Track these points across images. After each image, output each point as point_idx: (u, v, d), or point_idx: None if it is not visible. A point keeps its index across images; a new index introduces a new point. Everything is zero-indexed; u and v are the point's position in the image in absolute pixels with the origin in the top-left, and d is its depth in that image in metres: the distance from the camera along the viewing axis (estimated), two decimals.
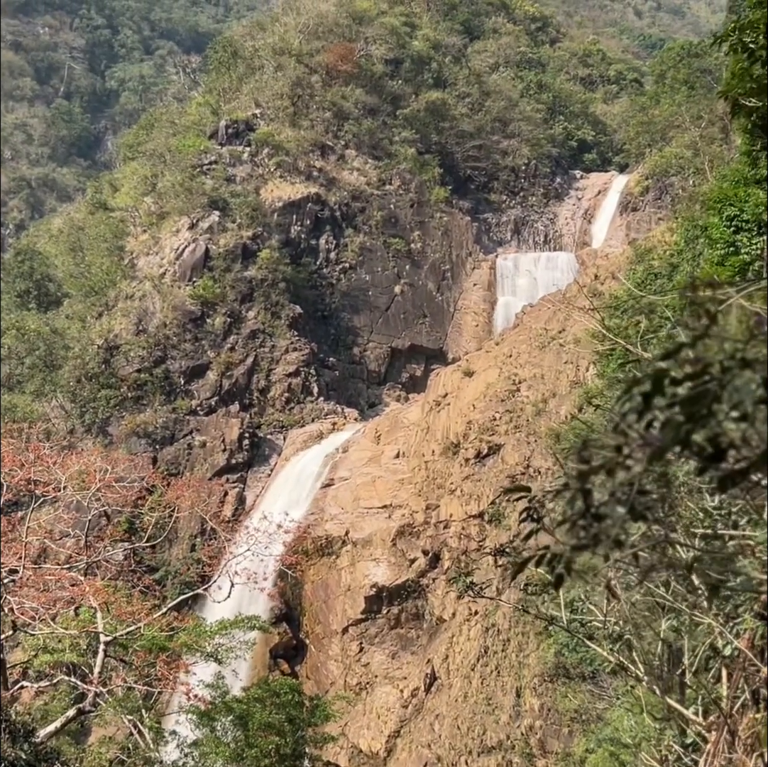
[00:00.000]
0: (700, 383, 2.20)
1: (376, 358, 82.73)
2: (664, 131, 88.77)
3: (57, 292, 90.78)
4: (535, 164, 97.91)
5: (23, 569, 22.49)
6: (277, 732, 26.33)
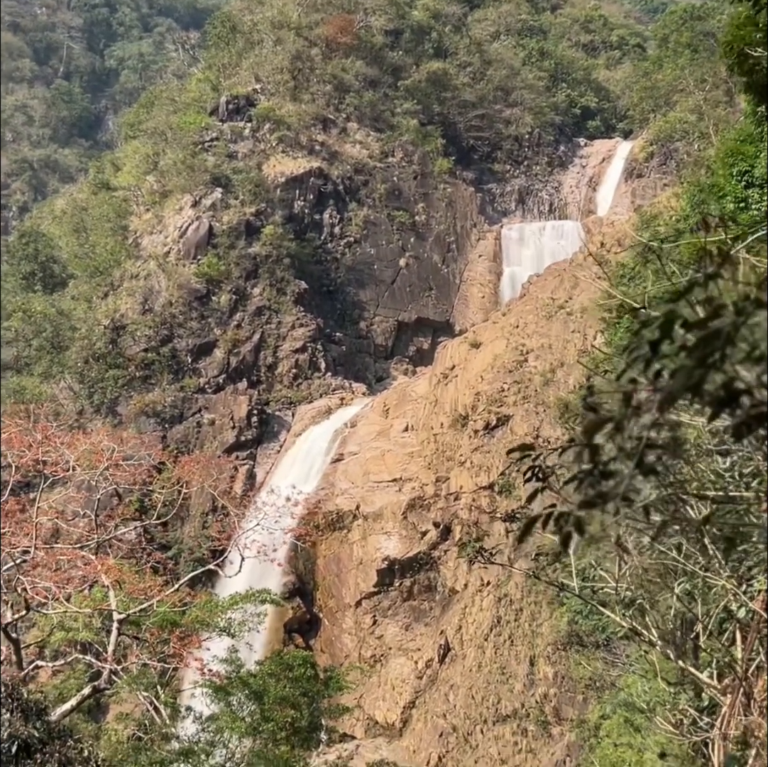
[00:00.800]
0: (712, 325, 2.10)
1: (383, 332, 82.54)
2: (667, 96, 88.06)
3: (62, 273, 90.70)
4: (539, 133, 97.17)
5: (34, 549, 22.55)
6: (292, 705, 26.43)
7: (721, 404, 2.17)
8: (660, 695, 8.99)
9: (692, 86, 79.18)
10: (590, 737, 41.77)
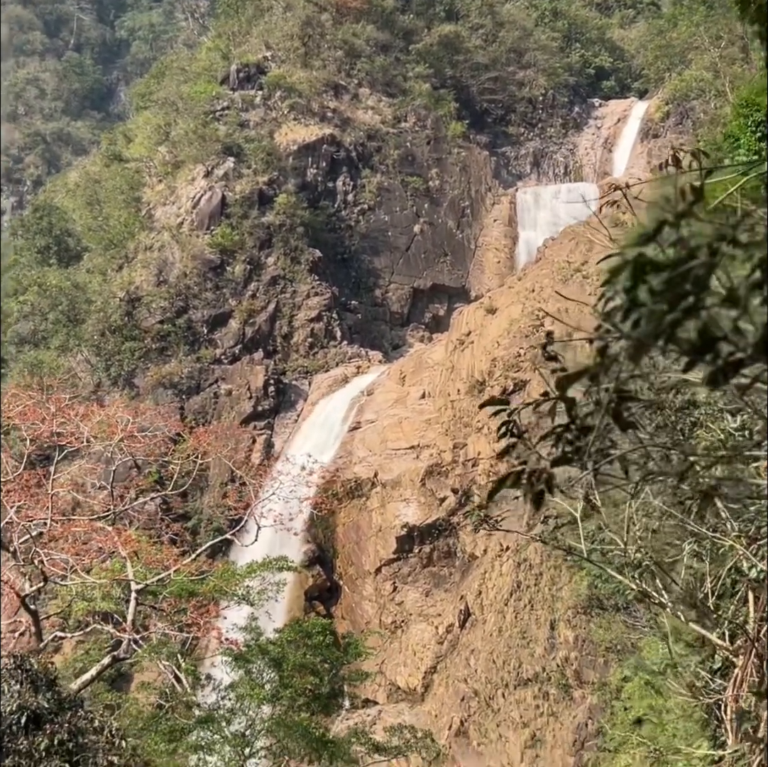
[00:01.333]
0: (685, 268, 1.97)
1: (398, 299, 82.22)
2: (683, 54, 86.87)
3: (77, 246, 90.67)
4: (553, 94, 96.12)
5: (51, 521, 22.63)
6: (312, 672, 26.56)
7: (697, 352, 2.04)
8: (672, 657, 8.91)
9: (708, 43, 78.04)
10: (612, 699, 41.89)
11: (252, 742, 25.76)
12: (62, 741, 10.94)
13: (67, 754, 10.89)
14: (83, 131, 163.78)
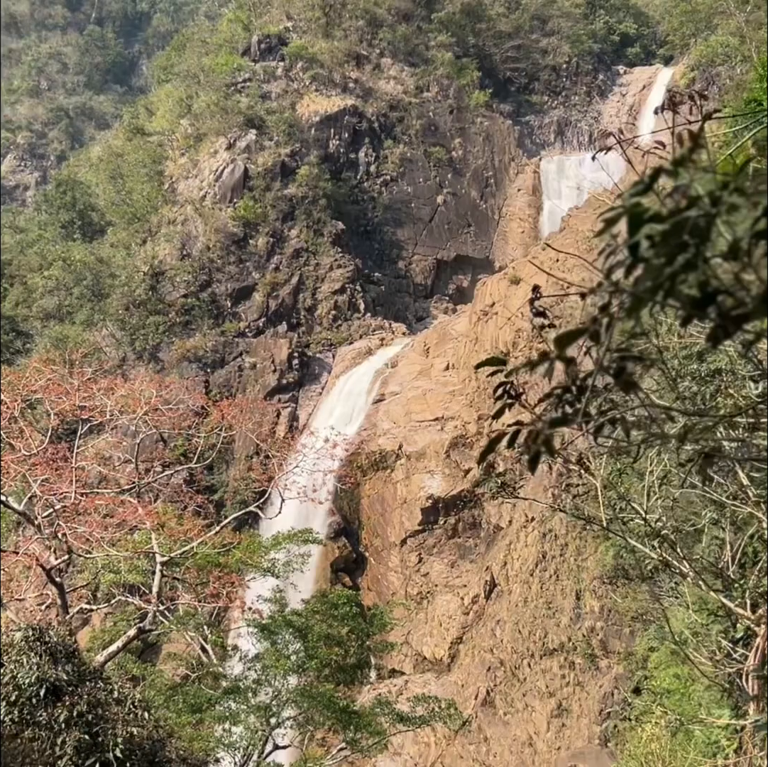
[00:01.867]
0: (685, 218, 1.87)
1: (422, 271, 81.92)
2: (708, 19, 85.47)
3: (100, 221, 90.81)
4: (577, 62, 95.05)
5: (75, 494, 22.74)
6: (337, 643, 26.67)
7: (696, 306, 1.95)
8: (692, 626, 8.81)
9: (733, 8, 76.71)
10: (638, 669, 41.88)
11: (278, 713, 25.91)
12: (81, 712, 11.00)
13: (87, 725, 10.94)
14: (106, 105, 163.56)
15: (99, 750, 10.62)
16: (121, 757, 10.61)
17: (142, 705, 11.73)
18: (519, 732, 48.58)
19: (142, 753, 11.28)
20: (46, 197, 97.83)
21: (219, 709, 24.65)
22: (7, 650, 11.28)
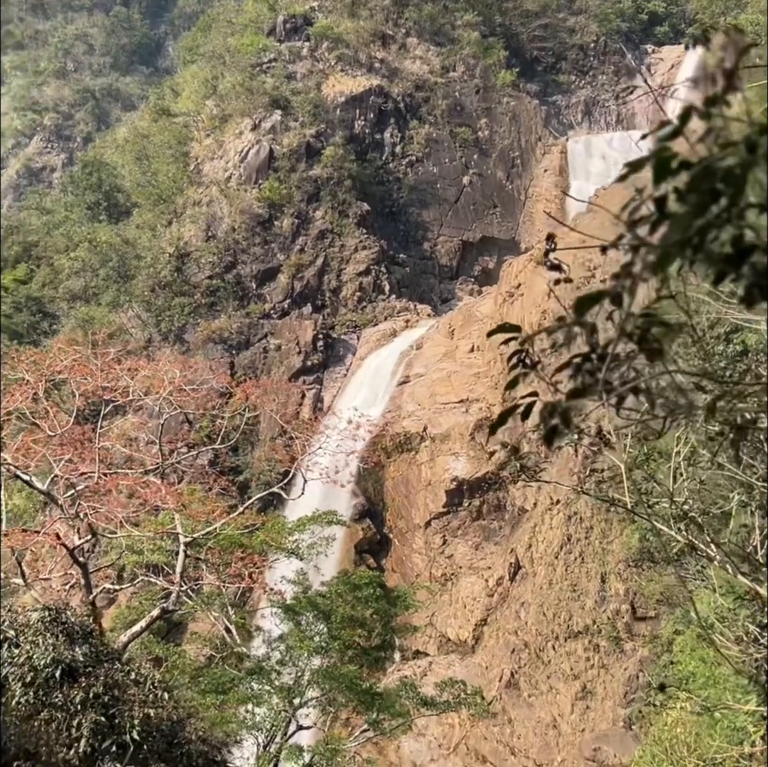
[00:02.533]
0: (717, 164, 1.70)
1: (447, 252, 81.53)
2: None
3: (126, 202, 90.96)
4: (605, 41, 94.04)
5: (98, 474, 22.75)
6: (360, 624, 26.62)
7: (729, 264, 1.77)
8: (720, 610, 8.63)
9: None
10: (663, 652, 41.69)
11: (301, 693, 25.92)
12: (98, 694, 10.96)
13: (103, 707, 10.90)
14: (132, 87, 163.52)
15: (116, 732, 10.58)
16: (138, 739, 10.58)
17: (162, 686, 11.68)
18: (543, 714, 48.51)
19: (161, 735, 11.25)
20: (72, 179, 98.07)
21: (242, 690, 24.68)
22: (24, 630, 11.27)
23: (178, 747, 11.46)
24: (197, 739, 11.89)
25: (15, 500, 47.04)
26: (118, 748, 10.57)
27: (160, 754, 11.11)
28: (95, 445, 23.70)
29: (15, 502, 46.59)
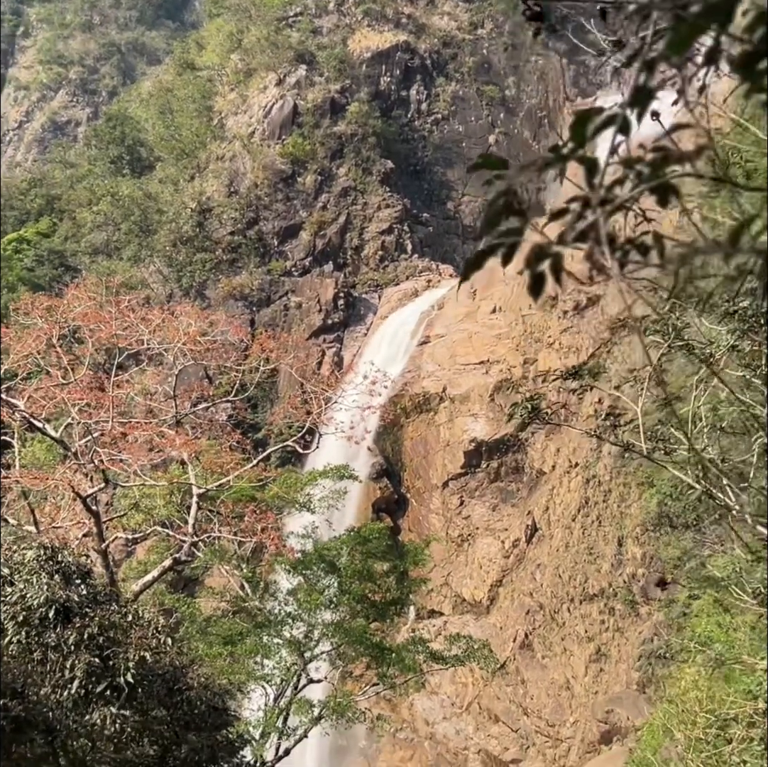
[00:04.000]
0: None
1: (471, 212, 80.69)
2: None
3: (149, 156, 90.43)
4: None
5: (112, 422, 22.58)
6: (371, 578, 26.48)
7: None
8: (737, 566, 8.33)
9: None
10: (679, 616, 41.47)
11: (312, 647, 25.87)
12: (92, 635, 10.78)
13: (98, 649, 10.73)
14: (158, 41, 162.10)
15: (110, 675, 10.41)
16: (132, 682, 10.40)
17: (166, 631, 11.52)
18: (556, 675, 48.51)
19: (162, 680, 11.09)
20: (95, 132, 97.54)
21: (250, 642, 24.62)
22: (18, 569, 11.10)
23: (178, 693, 11.31)
24: (199, 686, 11.72)
25: (36, 452, 47.08)
26: (112, 691, 10.41)
27: (159, 699, 10.97)
28: (110, 393, 23.52)
29: (36, 454, 46.63)
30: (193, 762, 10.77)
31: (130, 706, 10.41)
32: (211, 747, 11.15)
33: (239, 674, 23.63)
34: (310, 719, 23.83)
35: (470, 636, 28.61)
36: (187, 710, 11.29)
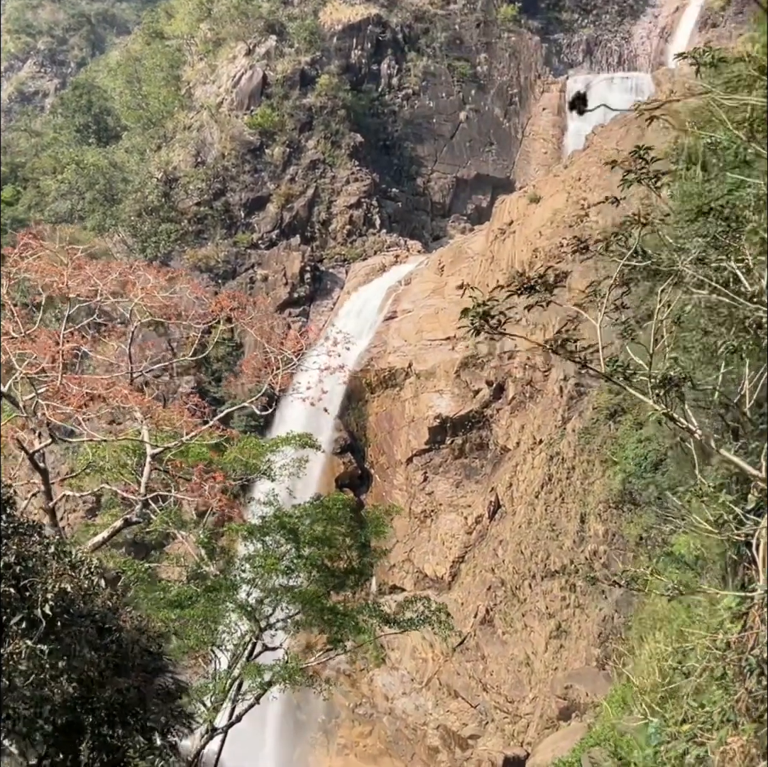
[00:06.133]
0: None
1: (441, 188, 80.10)
2: None
3: (116, 126, 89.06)
4: None
5: (60, 377, 21.86)
6: (330, 545, 26.03)
7: None
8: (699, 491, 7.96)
9: None
10: (639, 594, 41.33)
11: (267, 614, 25.41)
12: (9, 564, 10.20)
13: (14, 578, 10.18)
14: (128, 13, 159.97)
15: (26, 606, 9.88)
16: (50, 614, 9.86)
17: (98, 572, 10.98)
18: (517, 651, 48.37)
19: (91, 621, 10.56)
20: (62, 100, 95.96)
21: (200, 606, 24.04)
22: None
23: (108, 634, 10.79)
24: (132, 628, 11.22)
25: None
26: (28, 624, 9.87)
27: (88, 641, 10.43)
28: (61, 347, 22.77)
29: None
30: (118, 703, 10.27)
31: (49, 641, 9.87)
32: (139, 689, 10.64)
33: (187, 639, 23.12)
34: (259, 683, 23.35)
35: (427, 597, 28.23)
36: (117, 651, 10.78)
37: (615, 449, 45.98)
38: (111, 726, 10.31)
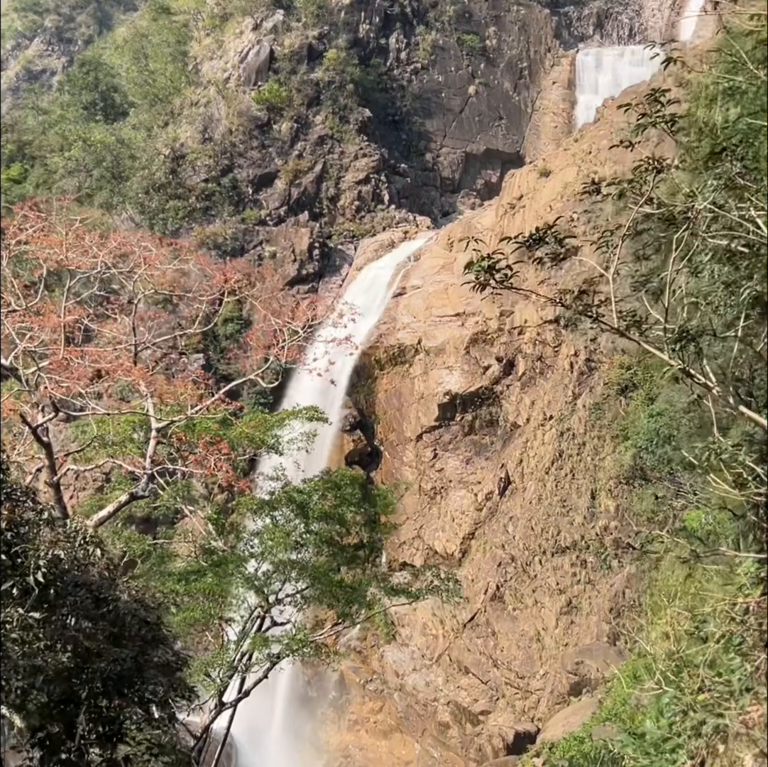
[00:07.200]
0: None
1: (450, 164, 79.47)
2: None
3: (123, 102, 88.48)
4: None
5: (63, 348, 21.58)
6: (339, 521, 25.80)
7: None
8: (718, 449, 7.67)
9: None
10: (650, 569, 41.11)
11: (276, 589, 25.19)
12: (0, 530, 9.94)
13: (5, 545, 9.92)
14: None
15: (18, 573, 9.63)
16: (42, 582, 9.60)
17: (95, 541, 10.73)
18: (527, 627, 48.19)
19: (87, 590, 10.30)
20: (69, 78, 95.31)
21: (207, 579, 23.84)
22: None
23: (104, 604, 10.54)
24: (130, 599, 10.98)
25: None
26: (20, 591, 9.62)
27: (84, 610, 10.18)
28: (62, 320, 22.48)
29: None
30: (114, 674, 10.02)
31: (42, 609, 9.62)
32: (136, 660, 10.40)
33: (193, 612, 22.94)
34: (267, 656, 23.16)
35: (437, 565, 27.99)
36: (114, 621, 10.53)
37: (626, 425, 45.64)
38: (107, 697, 10.08)
